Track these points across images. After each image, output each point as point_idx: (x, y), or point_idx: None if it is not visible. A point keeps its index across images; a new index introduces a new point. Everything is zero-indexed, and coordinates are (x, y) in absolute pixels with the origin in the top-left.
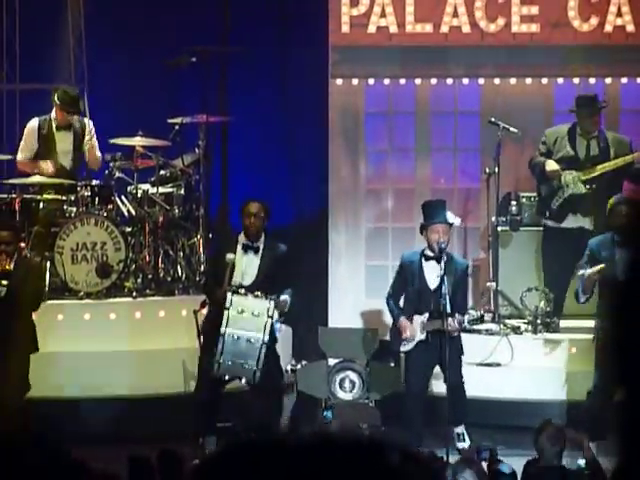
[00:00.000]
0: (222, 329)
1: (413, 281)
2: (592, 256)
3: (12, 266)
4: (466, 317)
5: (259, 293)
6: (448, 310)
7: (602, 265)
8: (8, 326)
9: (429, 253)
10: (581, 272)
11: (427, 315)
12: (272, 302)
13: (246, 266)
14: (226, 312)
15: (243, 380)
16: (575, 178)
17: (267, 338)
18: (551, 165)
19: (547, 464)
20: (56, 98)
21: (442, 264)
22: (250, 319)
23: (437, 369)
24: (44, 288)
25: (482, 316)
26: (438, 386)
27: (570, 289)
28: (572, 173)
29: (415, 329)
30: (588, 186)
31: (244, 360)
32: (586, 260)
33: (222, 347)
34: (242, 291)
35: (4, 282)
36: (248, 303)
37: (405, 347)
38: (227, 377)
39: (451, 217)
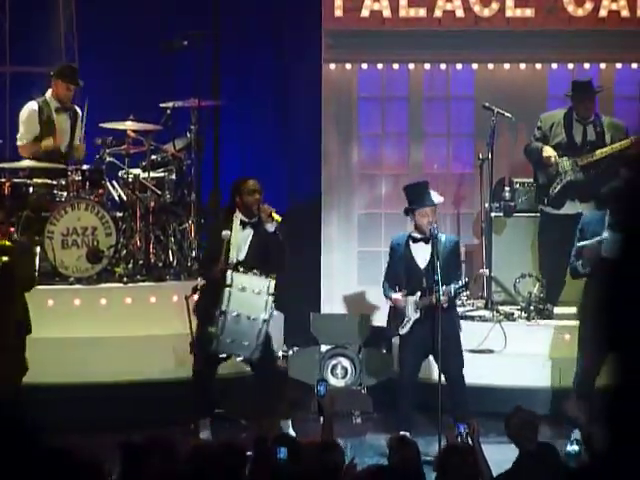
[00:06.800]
0: (223, 307)
1: (403, 263)
2: (583, 230)
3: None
4: (452, 286)
5: (257, 271)
6: (441, 290)
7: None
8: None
9: (417, 235)
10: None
11: (419, 294)
12: (271, 280)
13: (243, 241)
14: (227, 290)
15: (239, 358)
16: (572, 164)
17: (268, 316)
18: (548, 151)
19: (522, 450)
20: (56, 73)
21: (431, 245)
22: (252, 297)
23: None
24: (34, 272)
25: (467, 283)
26: (434, 373)
27: (568, 275)
28: (569, 159)
29: (410, 309)
30: (586, 172)
31: (244, 338)
32: (578, 236)
33: (223, 325)
34: (242, 269)
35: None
36: (249, 281)
37: (403, 329)
38: (224, 355)
39: (436, 197)
